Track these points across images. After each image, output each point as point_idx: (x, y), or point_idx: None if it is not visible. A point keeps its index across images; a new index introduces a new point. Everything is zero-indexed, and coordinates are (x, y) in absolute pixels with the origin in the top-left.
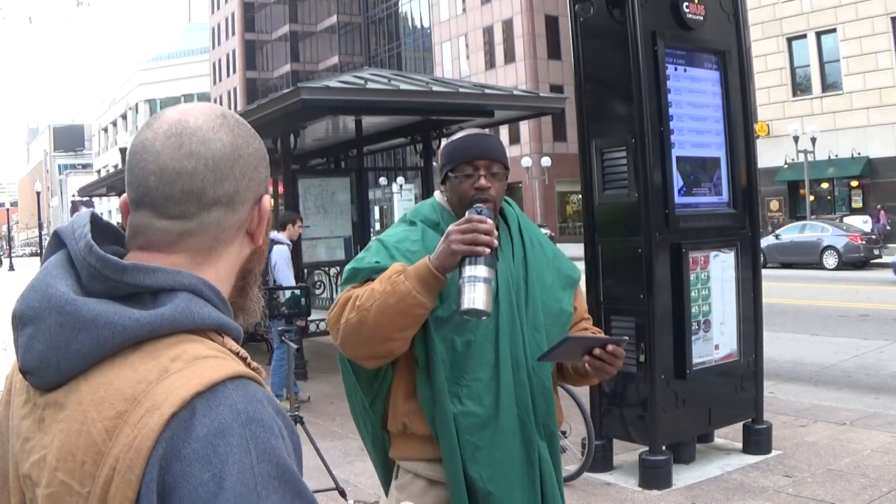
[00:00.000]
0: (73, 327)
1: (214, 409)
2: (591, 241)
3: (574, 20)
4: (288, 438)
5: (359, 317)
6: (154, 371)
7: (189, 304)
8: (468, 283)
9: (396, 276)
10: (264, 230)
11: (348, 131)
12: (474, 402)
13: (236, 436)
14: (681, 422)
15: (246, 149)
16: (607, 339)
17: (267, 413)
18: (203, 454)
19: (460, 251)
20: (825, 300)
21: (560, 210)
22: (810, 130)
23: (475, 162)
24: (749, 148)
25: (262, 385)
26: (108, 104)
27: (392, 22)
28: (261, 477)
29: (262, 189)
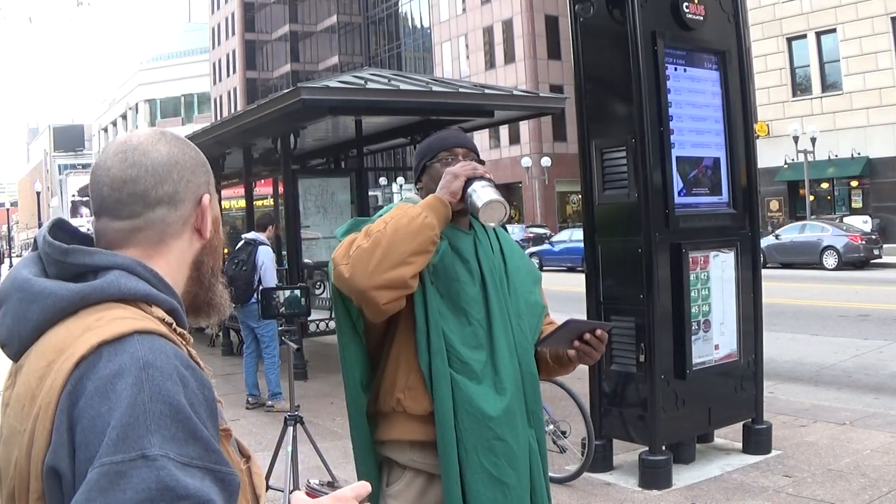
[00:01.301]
0: (27, 301)
1: (119, 355)
2: (590, 241)
3: (574, 20)
4: (196, 390)
5: (373, 240)
6: (80, 328)
7: (118, 278)
8: (477, 191)
9: (405, 205)
10: (210, 226)
11: (348, 131)
12: (473, 382)
13: (132, 376)
14: (681, 422)
15: (182, 157)
16: (597, 324)
17: (168, 362)
18: (102, 390)
19: (463, 173)
20: (825, 300)
21: (560, 210)
22: (810, 130)
23: (453, 149)
24: (749, 148)
25: (176, 344)
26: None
27: (392, 22)
28: (152, 413)
29: (202, 190)
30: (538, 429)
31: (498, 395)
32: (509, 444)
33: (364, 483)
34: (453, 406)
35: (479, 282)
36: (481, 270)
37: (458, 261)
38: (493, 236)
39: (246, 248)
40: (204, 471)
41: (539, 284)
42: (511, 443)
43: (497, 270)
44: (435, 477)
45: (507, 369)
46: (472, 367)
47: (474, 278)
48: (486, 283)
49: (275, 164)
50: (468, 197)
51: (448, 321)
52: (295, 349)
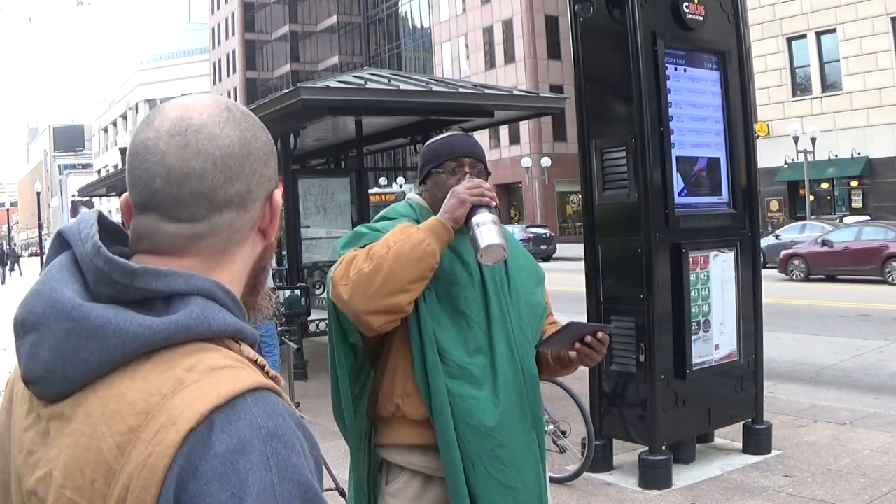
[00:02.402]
0: (80, 335)
1: (234, 424)
2: (590, 241)
3: (574, 20)
4: (309, 453)
5: (374, 265)
6: (168, 383)
7: (204, 310)
8: (481, 227)
9: (408, 228)
10: (277, 225)
11: (348, 131)
12: (473, 387)
13: (256, 453)
14: (681, 422)
15: (255, 143)
16: (599, 326)
17: (288, 428)
18: (221, 472)
19: (470, 200)
20: (825, 300)
21: (560, 210)
22: (810, 130)
23: (461, 159)
24: (749, 148)
25: (282, 396)
26: (108, 104)
27: (392, 22)
28: (282, 496)
29: (273, 184)
30: (539, 430)
31: (497, 401)
32: (512, 449)
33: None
34: (453, 420)
35: (479, 283)
36: (481, 272)
37: (457, 262)
38: None
39: None
40: None
41: (542, 284)
42: (514, 447)
43: (497, 271)
44: (433, 478)
45: (506, 372)
46: (471, 371)
47: (474, 280)
48: (486, 284)
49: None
50: (471, 229)
51: (446, 326)
52: (295, 349)
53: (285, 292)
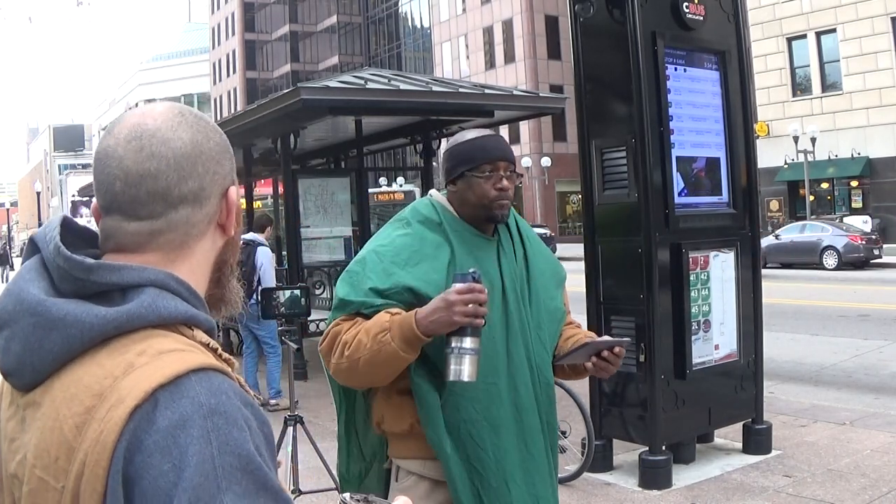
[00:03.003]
0: (44, 327)
1: (177, 401)
2: (590, 241)
3: (574, 20)
4: (258, 430)
5: (349, 365)
6: (120, 366)
7: (155, 299)
8: (458, 355)
9: (383, 336)
10: (234, 221)
11: (348, 131)
12: (497, 407)
13: (197, 427)
14: (681, 422)
15: (206, 143)
16: (615, 341)
17: (231, 405)
18: (164, 445)
19: (462, 322)
20: (825, 300)
21: (560, 210)
22: (810, 130)
23: (496, 162)
24: (749, 148)
25: (230, 377)
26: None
27: (392, 22)
28: (221, 468)
29: (228, 181)
30: (553, 438)
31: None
32: (536, 459)
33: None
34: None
35: (500, 294)
36: (503, 281)
37: None
38: (518, 240)
39: (245, 248)
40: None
41: (562, 286)
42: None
43: (519, 279)
44: (441, 482)
45: (524, 385)
46: (493, 391)
47: (494, 291)
48: (506, 295)
49: (275, 164)
50: (449, 346)
51: None
52: (295, 349)
53: (285, 292)
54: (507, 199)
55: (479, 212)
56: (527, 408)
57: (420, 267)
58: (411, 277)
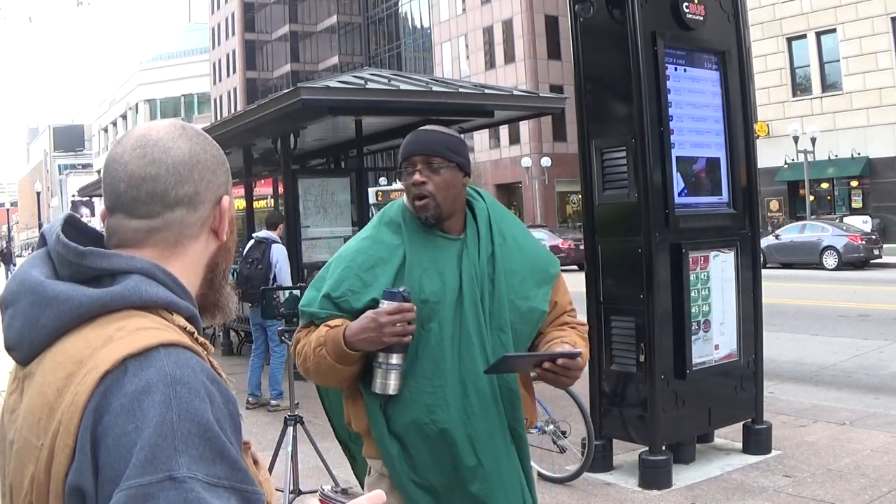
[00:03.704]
0: (40, 304)
1: (145, 370)
2: (590, 241)
3: (574, 20)
4: (221, 405)
5: (306, 373)
6: (100, 338)
7: (139, 284)
8: (385, 371)
9: (319, 350)
10: (227, 228)
11: (348, 131)
12: (442, 410)
13: (160, 393)
14: (681, 422)
15: (203, 155)
16: (555, 354)
17: (195, 378)
18: (129, 408)
19: (390, 342)
20: (825, 300)
21: (560, 210)
22: (810, 130)
23: (411, 158)
24: (749, 148)
25: (200, 356)
26: (108, 104)
27: (392, 22)
28: (180, 432)
29: (222, 190)
30: (520, 443)
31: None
32: (489, 467)
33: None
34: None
35: (456, 295)
36: (461, 282)
37: (430, 276)
38: (487, 238)
39: (259, 246)
40: (230, 490)
41: (548, 284)
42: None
43: (479, 280)
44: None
45: (475, 389)
46: (439, 394)
47: (447, 295)
48: (462, 296)
49: (275, 164)
50: (377, 361)
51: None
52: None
53: (285, 292)
54: (423, 194)
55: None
56: (477, 413)
57: (372, 272)
58: (360, 285)
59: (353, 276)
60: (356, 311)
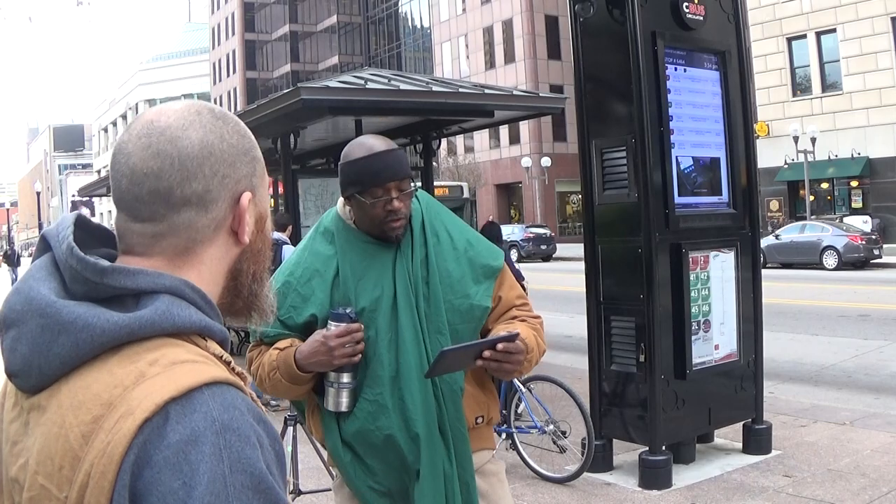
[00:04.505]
0: (53, 330)
1: (189, 415)
2: (590, 241)
3: (574, 20)
4: (269, 447)
5: (262, 389)
6: (131, 375)
7: (170, 307)
8: (338, 389)
9: (273, 374)
10: (250, 229)
11: (348, 131)
12: (384, 416)
13: (209, 444)
14: (681, 422)
15: (219, 145)
16: (491, 339)
17: (244, 421)
18: (174, 461)
19: (341, 364)
20: (825, 300)
21: (560, 210)
22: (810, 130)
23: (386, 185)
24: (749, 148)
25: (244, 391)
26: (108, 104)
27: (392, 22)
28: (233, 486)
29: (242, 185)
30: (459, 445)
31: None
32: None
33: None
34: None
35: (391, 302)
36: (395, 287)
37: (365, 283)
38: (420, 241)
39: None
40: None
41: (490, 279)
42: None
43: (414, 284)
44: None
45: (411, 395)
46: (379, 401)
47: (384, 298)
48: (397, 303)
49: (275, 164)
50: (329, 379)
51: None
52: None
53: None
54: (399, 218)
55: (374, 230)
56: (414, 418)
57: (309, 285)
58: (300, 300)
59: (293, 292)
60: (299, 326)
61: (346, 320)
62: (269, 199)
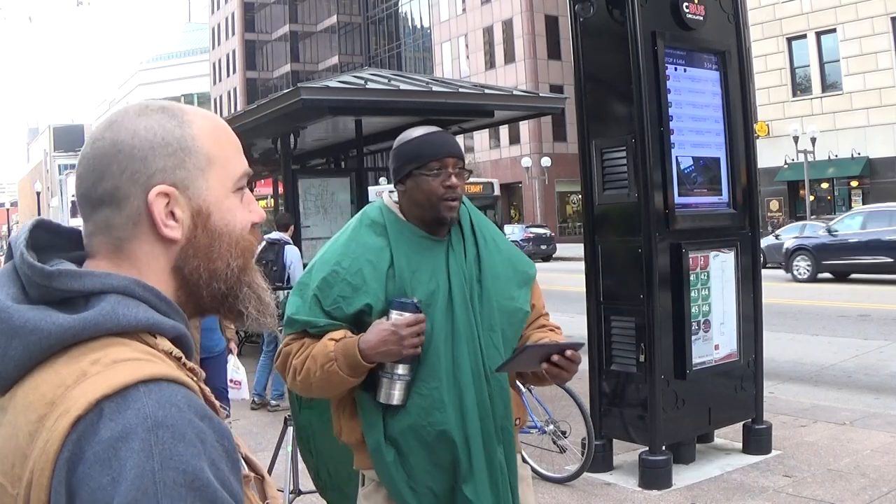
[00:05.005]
0: (7, 334)
1: (122, 412)
2: (590, 241)
3: (574, 20)
4: (215, 444)
5: (303, 387)
6: (73, 375)
7: (115, 307)
8: (392, 381)
9: (329, 366)
10: (182, 223)
11: (348, 131)
12: (439, 412)
13: (139, 440)
14: (681, 422)
15: (129, 141)
16: (565, 344)
17: (181, 418)
18: (104, 457)
19: (409, 353)
20: (825, 300)
21: (560, 210)
22: (810, 130)
23: (445, 159)
24: (749, 148)
25: (189, 387)
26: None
27: (392, 22)
28: (163, 483)
29: (156, 180)
30: (507, 446)
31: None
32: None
33: None
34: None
35: (446, 297)
36: (449, 283)
37: (420, 276)
38: (471, 240)
39: (272, 248)
40: None
41: (527, 285)
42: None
43: (468, 281)
44: None
45: (469, 390)
46: (435, 396)
47: (440, 293)
48: (452, 298)
49: (275, 164)
50: (386, 370)
51: None
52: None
53: (285, 292)
54: (456, 198)
55: (428, 213)
56: (471, 412)
57: (360, 274)
58: (350, 290)
59: (342, 282)
60: (348, 317)
61: (411, 310)
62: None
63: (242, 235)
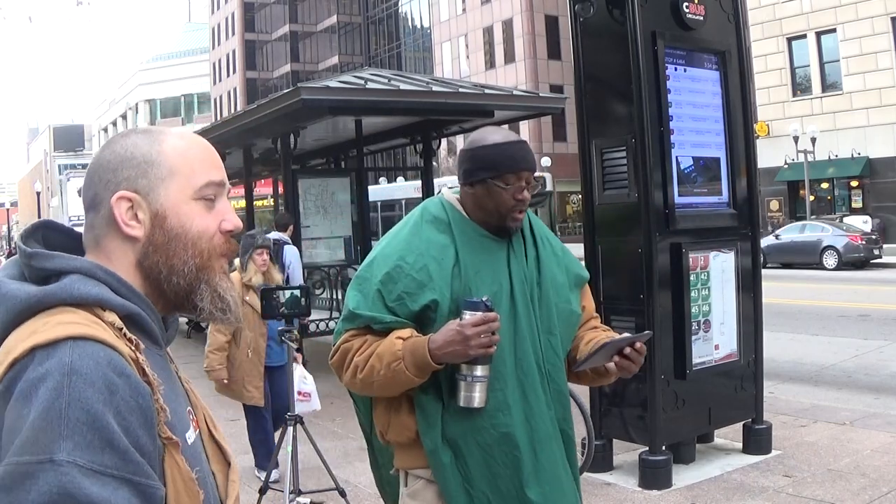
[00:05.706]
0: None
1: (48, 359)
2: (590, 241)
3: (574, 20)
4: (128, 398)
5: (362, 385)
6: (27, 331)
7: (74, 282)
8: (470, 383)
9: (396, 365)
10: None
11: (348, 131)
12: (504, 414)
13: (54, 381)
14: (681, 422)
15: (107, 157)
16: (636, 336)
17: (97, 370)
18: (26, 393)
19: (478, 354)
20: (825, 300)
21: (560, 210)
22: (810, 130)
23: (521, 173)
24: (749, 148)
25: (119, 351)
26: (108, 104)
27: (392, 22)
28: (67, 419)
29: (121, 187)
30: (569, 446)
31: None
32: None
33: None
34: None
35: (509, 297)
36: (511, 283)
37: (483, 274)
38: (531, 242)
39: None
40: (119, 480)
41: (580, 287)
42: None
43: (529, 282)
44: None
45: (533, 391)
46: (499, 397)
47: (503, 293)
48: (515, 298)
49: (275, 164)
50: (462, 373)
51: None
52: (295, 349)
53: (285, 292)
54: (524, 209)
55: (494, 219)
56: (536, 415)
57: (425, 270)
58: (415, 286)
59: (406, 277)
60: (413, 314)
61: (481, 309)
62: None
63: (200, 237)
